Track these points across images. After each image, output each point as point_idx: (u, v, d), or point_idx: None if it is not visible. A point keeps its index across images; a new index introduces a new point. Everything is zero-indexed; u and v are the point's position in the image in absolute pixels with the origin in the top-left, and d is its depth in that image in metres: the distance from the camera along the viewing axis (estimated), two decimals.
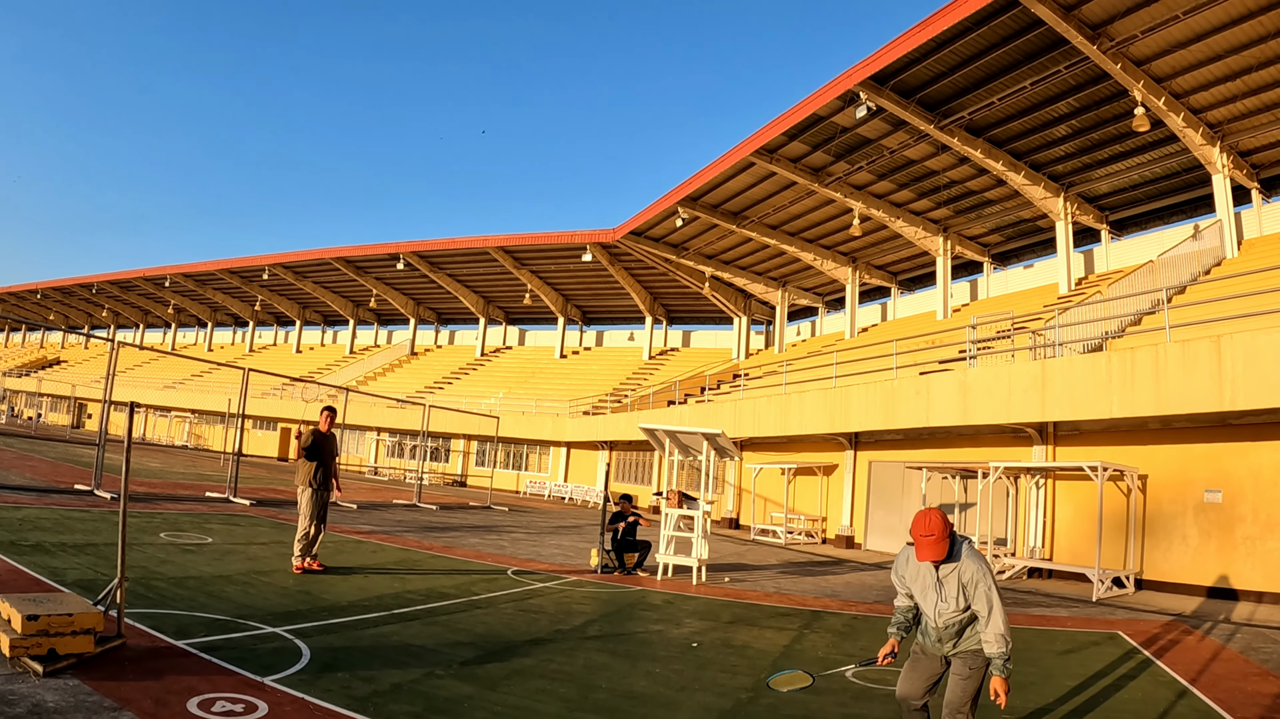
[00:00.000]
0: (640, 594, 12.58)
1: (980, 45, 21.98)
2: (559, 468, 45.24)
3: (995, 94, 23.76)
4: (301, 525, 11.63)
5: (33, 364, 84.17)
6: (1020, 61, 22.38)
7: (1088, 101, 23.71)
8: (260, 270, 60.37)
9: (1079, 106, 24.03)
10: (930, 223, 33.42)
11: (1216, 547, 15.43)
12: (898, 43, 22.24)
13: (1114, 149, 26.19)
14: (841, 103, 25.06)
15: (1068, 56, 21.44)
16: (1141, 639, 10.58)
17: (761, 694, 7.07)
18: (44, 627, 5.62)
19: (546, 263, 49.14)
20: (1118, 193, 29.34)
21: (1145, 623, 12.08)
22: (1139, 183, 28.33)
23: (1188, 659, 9.27)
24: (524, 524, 24.10)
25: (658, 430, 16.01)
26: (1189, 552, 15.86)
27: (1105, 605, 13.99)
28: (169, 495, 19.83)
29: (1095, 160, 27.11)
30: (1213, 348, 13.55)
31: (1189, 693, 7.71)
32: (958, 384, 18.50)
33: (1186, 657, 9.43)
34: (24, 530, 11.33)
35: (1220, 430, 15.60)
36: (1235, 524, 15.20)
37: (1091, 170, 27.81)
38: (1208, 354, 13.62)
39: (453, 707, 5.89)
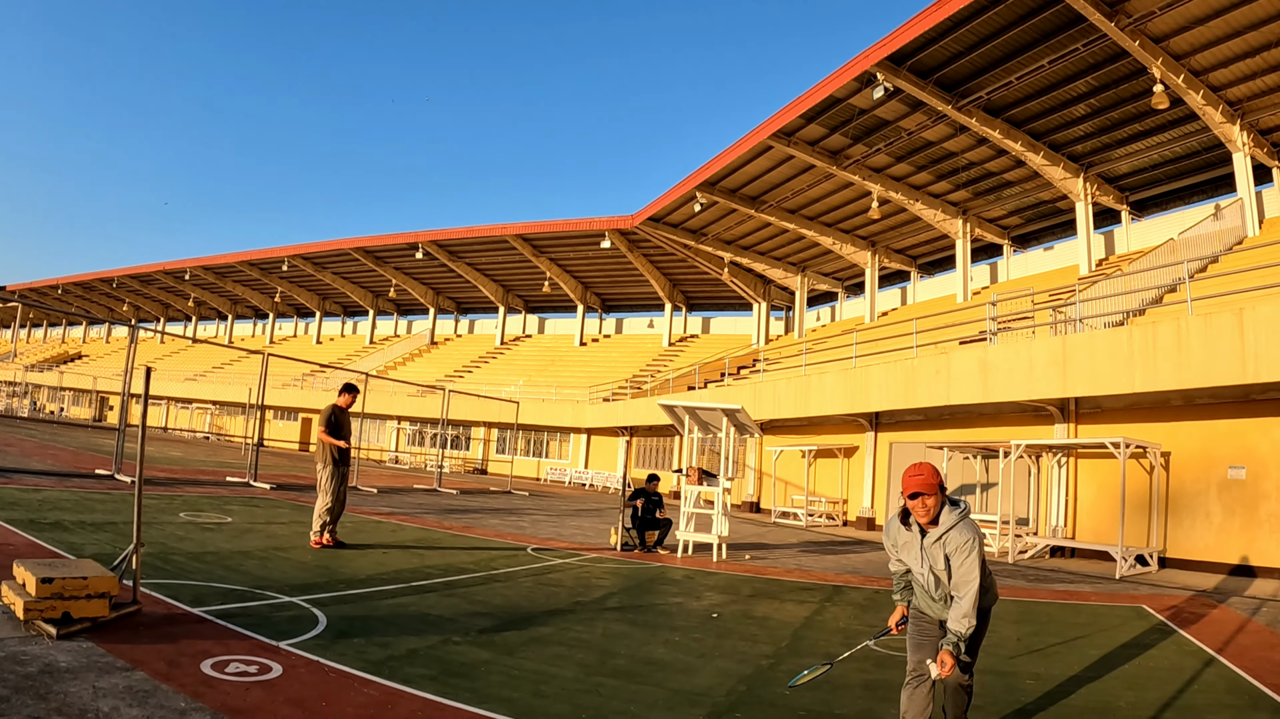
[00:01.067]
0: (660, 570, 12.53)
1: (997, 24, 21.68)
2: (579, 454, 45.25)
3: (1013, 73, 23.45)
4: (321, 501, 11.63)
5: (55, 359, 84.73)
6: (1038, 40, 22.07)
7: (1106, 80, 23.37)
8: (280, 262, 60.54)
9: (1097, 85, 23.70)
10: (949, 205, 33.09)
11: (1240, 524, 15.24)
12: (914, 22, 21.98)
13: (1133, 128, 25.82)
14: (859, 84, 24.80)
15: (1085, 34, 21.13)
16: (1166, 613, 10.47)
17: (782, 661, 7.00)
18: (58, 590, 5.58)
19: (565, 250, 49.04)
20: (1138, 173, 28.95)
21: (1170, 598, 11.94)
22: (1159, 162, 27.94)
23: (1213, 631, 9.14)
24: (544, 507, 24.08)
25: (677, 407, 15.93)
26: (1212, 529, 15.67)
27: (1129, 582, 13.85)
28: (190, 480, 19.88)
29: (1115, 140, 26.73)
30: (1235, 321, 13.37)
31: (1216, 661, 7.61)
32: (978, 361, 18.34)
33: (1212, 629, 9.30)
34: (44, 510, 11.33)
35: (1243, 406, 15.39)
36: (1259, 501, 15.00)
37: (1111, 150, 27.44)
38: (1230, 327, 13.44)
39: (469, 670, 5.82)
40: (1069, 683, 6.66)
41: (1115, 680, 6.79)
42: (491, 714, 4.93)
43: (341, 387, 12.63)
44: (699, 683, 6.08)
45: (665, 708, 5.38)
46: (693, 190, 34.12)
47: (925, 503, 4.61)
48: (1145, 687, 6.61)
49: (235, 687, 4.90)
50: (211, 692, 4.75)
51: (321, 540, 11.45)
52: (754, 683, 6.19)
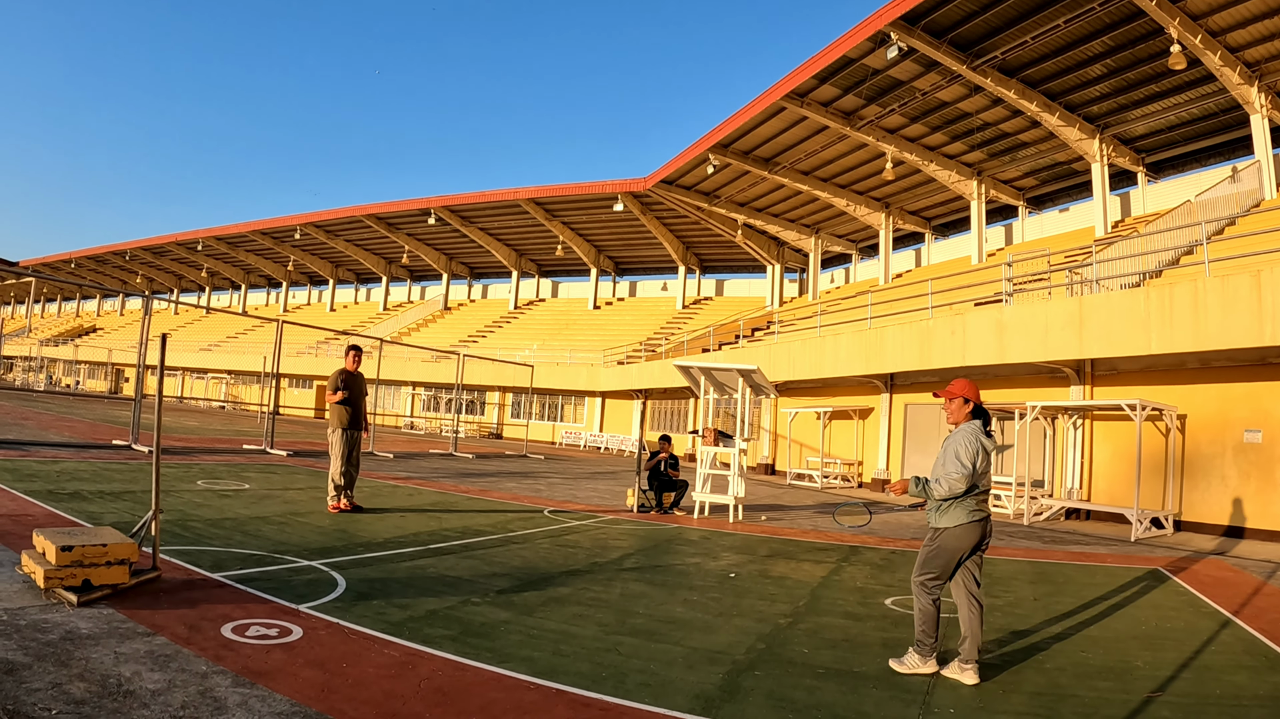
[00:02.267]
0: (677, 531, 12.54)
1: None
2: (594, 418, 45.32)
3: (1028, 33, 23.14)
4: (335, 466, 11.66)
5: (69, 333, 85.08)
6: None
7: (1123, 40, 23.05)
8: (292, 230, 60.56)
9: (1114, 45, 23.38)
10: (964, 166, 32.82)
11: (1256, 487, 15.14)
12: None
13: (1150, 89, 25.54)
14: (872, 44, 24.52)
15: None
16: (1182, 575, 10.44)
17: (800, 620, 7.01)
18: (78, 558, 5.59)
19: (578, 214, 48.93)
20: (1154, 134, 28.66)
21: (1185, 560, 11.92)
22: (1176, 124, 27.64)
23: (1229, 593, 9.12)
24: (560, 470, 24.15)
25: (693, 368, 15.90)
26: (1228, 492, 15.59)
27: (1144, 545, 13.81)
28: (206, 449, 19.98)
29: (1131, 101, 26.45)
30: (1253, 283, 13.24)
31: (1232, 623, 7.58)
32: (994, 322, 18.23)
33: (1228, 591, 9.27)
34: (62, 481, 11.38)
35: (1260, 369, 15.26)
36: (1275, 465, 14.89)
37: (1127, 111, 27.16)
38: (1247, 289, 13.31)
39: (489, 630, 5.84)
40: (1086, 643, 6.65)
41: (1132, 641, 6.77)
42: (513, 673, 4.94)
43: (345, 349, 12.60)
44: (718, 641, 6.08)
45: (685, 666, 5.38)
46: (706, 152, 33.94)
47: (946, 407, 5.96)
48: (1162, 647, 6.60)
49: (256, 649, 4.92)
50: (232, 655, 4.76)
51: (339, 505, 11.49)
52: (772, 641, 6.19)
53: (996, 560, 11.25)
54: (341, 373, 12.13)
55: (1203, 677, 5.75)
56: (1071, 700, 5.13)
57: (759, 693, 4.95)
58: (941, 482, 5.57)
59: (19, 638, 4.62)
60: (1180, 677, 5.76)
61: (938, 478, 5.63)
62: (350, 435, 11.94)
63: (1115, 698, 5.22)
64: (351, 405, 12.06)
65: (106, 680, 4.12)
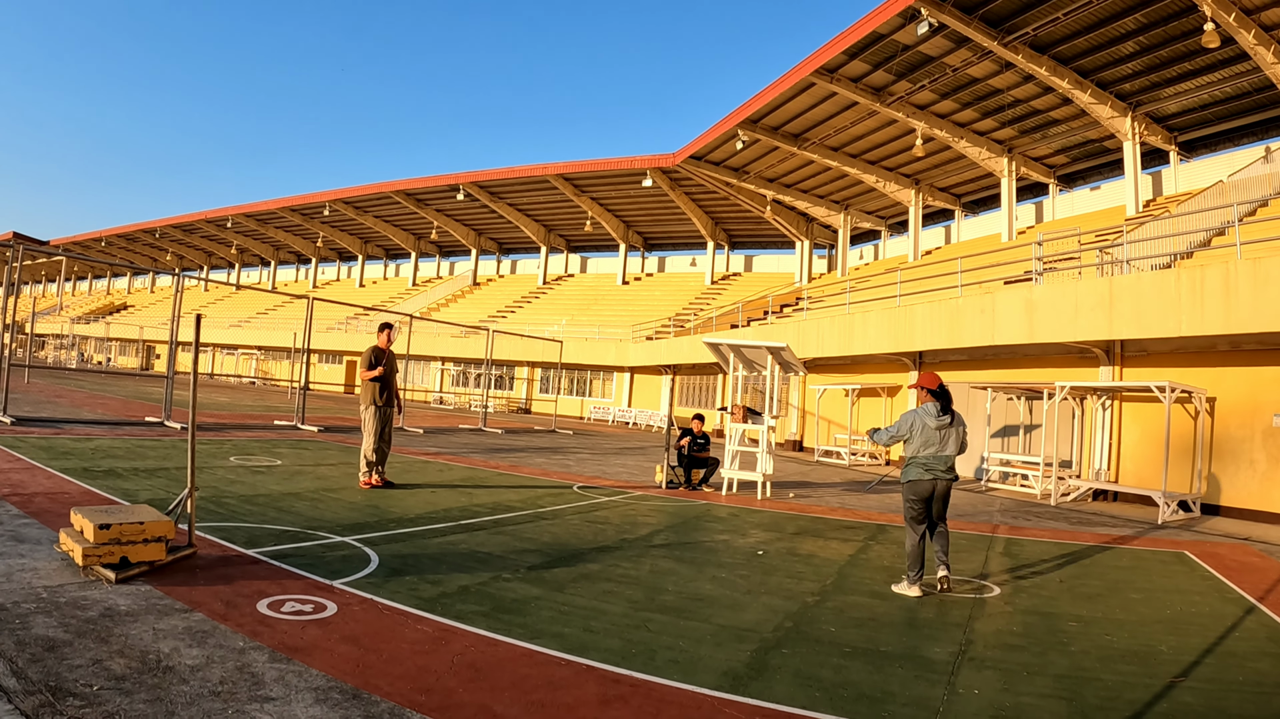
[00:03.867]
0: (706, 508, 12.59)
1: None
2: (622, 393, 45.39)
3: (1060, 9, 22.82)
4: (367, 442, 11.76)
5: (100, 310, 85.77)
6: None
7: (1155, 17, 22.71)
8: (321, 207, 60.75)
9: (1146, 23, 23.05)
10: (994, 143, 32.54)
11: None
12: None
13: (1182, 67, 25.19)
14: (902, 20, 24.30)
15: None
16: (1209, 559, 10.37)
17: (828, 598, 7.04)
18: (116, 535, 5.69)
19: (607, 189, 48.88)
20: (1187, 113, 28.29)
21: (1212, 544, 11.83)
22: (1209, 102, 27.26)
23: (1256, 580, 9.05)
24: (588, 446, 24.24)
25: (722, 345, 15.92)
26: (1257, 477, 15.45)
27: (1171, 528, 13.71)
28: (238, 425, 20.17)
29: (1163, 79, 26.10)
30: None
31: (1257, 609, 7.54)
32: (1023, 302, 18.12)
33: (1255, 577, 9.21)
34: (96, 458, 11.54)
35: None
36: None
37: (1160, 89, 26.81)
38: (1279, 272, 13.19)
39: (520, 607, 5.90)
40: (1111, 626, 6.65)
41: (1157, 625, 6.76)
42: (544, 649, 5.00)
43: (379, 327, 12.66)
44: (746, 619, 6.13)
45: (714, 643, 5.43)
46: (734, 128, 33.81)
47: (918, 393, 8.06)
48: (1187, 632, 6.58)
49: (292, 625, 5.00)
50: (269, 631, 4.85)
51: (370, 481, 11.60)
52: (800, 620, 6.23)
53: (1023, 541, 11.26)
54: (374, 349, 12.21)
55: (1226, 663, 5.74)
56: (1095, 684, 5.14)
57: (786, 671, 5.00)
58: (880, 432, 8.07)
59: (59, 615, 4.72)
60: (1204, 662, 5.75)
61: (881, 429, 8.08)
62: (382, 412, 12.02)
63: (1139, 682, 5.23)
64: (384, 382, 12.14)
65: (146, 656, 4.21)
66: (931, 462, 7.65)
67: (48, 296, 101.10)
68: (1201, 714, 4.68)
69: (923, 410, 7.77)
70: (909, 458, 7.76)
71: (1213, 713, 4.70)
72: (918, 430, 7.68)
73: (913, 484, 7.70)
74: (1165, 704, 4.83)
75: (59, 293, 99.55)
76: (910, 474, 7.73)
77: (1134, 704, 4.80)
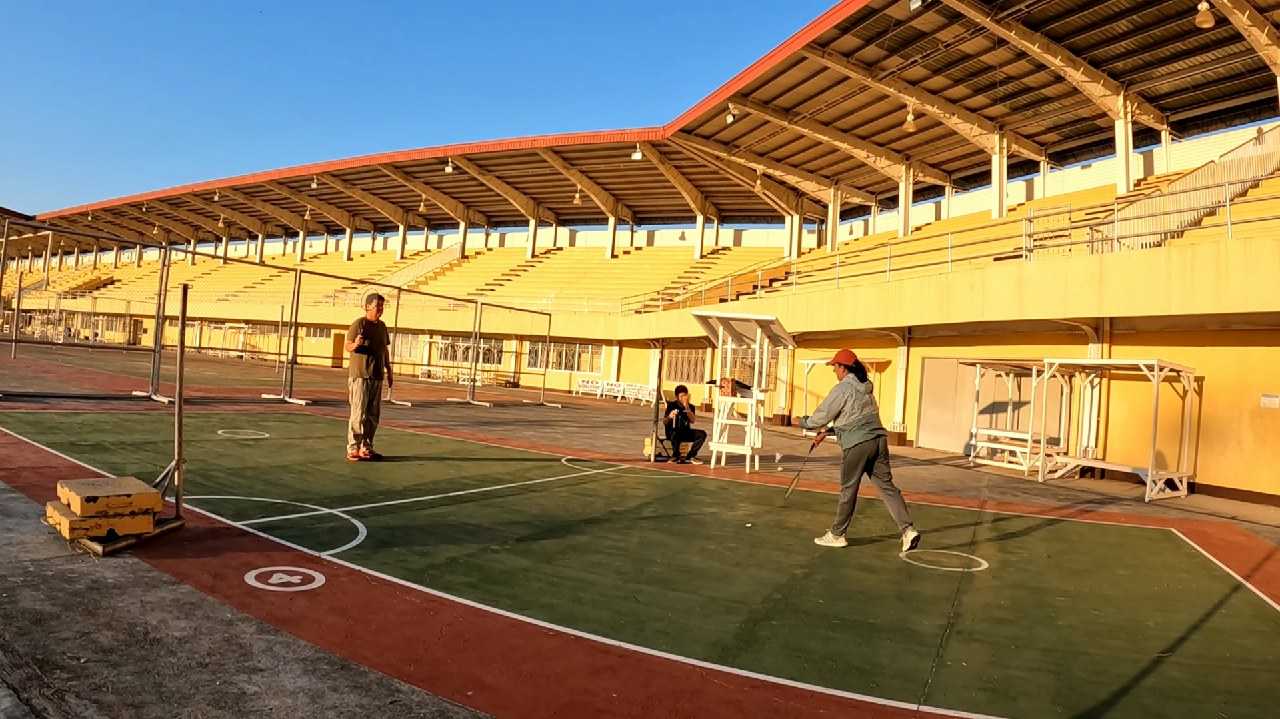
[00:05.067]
0: (694, 480, 12.61)
1: None
2: (611, 367, 45.43)
3: None
4: (355, 414, 11.73)
5: (87, 285, 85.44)
6: None
7: None
8: (309, 180, 60.52)
9: (1140, 1, 22.96)
10: (986, 120, 32.48)
11: (1272, 453, 15.03)
12: None
13: (1176, 47, 25.13)
14: None
15: None
16: (1195, 537, 10.42)
17: (816, 570, 7.06)
18: (103, 508, 5.66)
19: (596, 163, 48.76)
20: (1179, 92, 28.26)
21: (1199, 523, 11.87)
22: (1201, 83, 27.24)
23: (1242, 558, 9.10)
24: (577, 419, 24.25)
25: (711, 318, 15.89)
26: (1244, 457, 15.50)
27: (1158, 505, 13.75)
28: (225, 398, 20.12)
29: (1157, 58, 26.05)
30: (1276, 246, 13.09)
31: (1243, 587, 7.59)
32: (1013, 278, 18.12)
33: (1240, 555, 9.25)
34: (84, 432, 11.48)
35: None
36: None
37: (1153, 69, 26.75)
38: (1270, 252, 13.16)
39: (508, 578, 5.91)
40: (1098, 601, 6.68)
41: (1144, 601, 6.80)
42: (532, 620, 5.00)
43: (366, 299, 12.58)
44: (735, 591, 6.15)
45: (702, 614, 5.44)
46: (725, 102, 33.75)
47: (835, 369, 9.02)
48: (1174, 608, 6.62)
49: (280, 597, 4.99)
50: (257, 602, 4.84)
51: (358, 453, 11.58)
52: (789, 592, 6.25)
53: (1011, 517, 11.30)
54: (362, 322, 12.14)
55: (1213, 639, 5.77)
56: (1082, 658, 5.17)
57: (775, 642, 5.01)
58: (811, 417, 8.75)
59: (46, 588, 4.70)
60: (1190, 638, 5.78)
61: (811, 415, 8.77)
62: (370, 384, 11.97)
63: (1126, 657, 5.25)
64: (372, 354, 12.09)
65: (133, 629, 4.19)
66: (871, 420, 8.47)
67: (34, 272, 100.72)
68: (1188, 689, 4.70)
69: (847, 382, 8.67)
70: (846, 426, 8.51)
71: (1199, 688, 4.73)
72: (851, 398, 8.50)
73: (859, 447, 8.41)
74: (1152, 679, 4.85)
75: (45, 268, 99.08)
76: (855, 439, 8.44)
77: (1121, 678, 4.83)
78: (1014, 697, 4.41)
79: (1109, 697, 4.53)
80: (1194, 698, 4.56)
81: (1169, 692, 4.64)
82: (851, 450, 8.43)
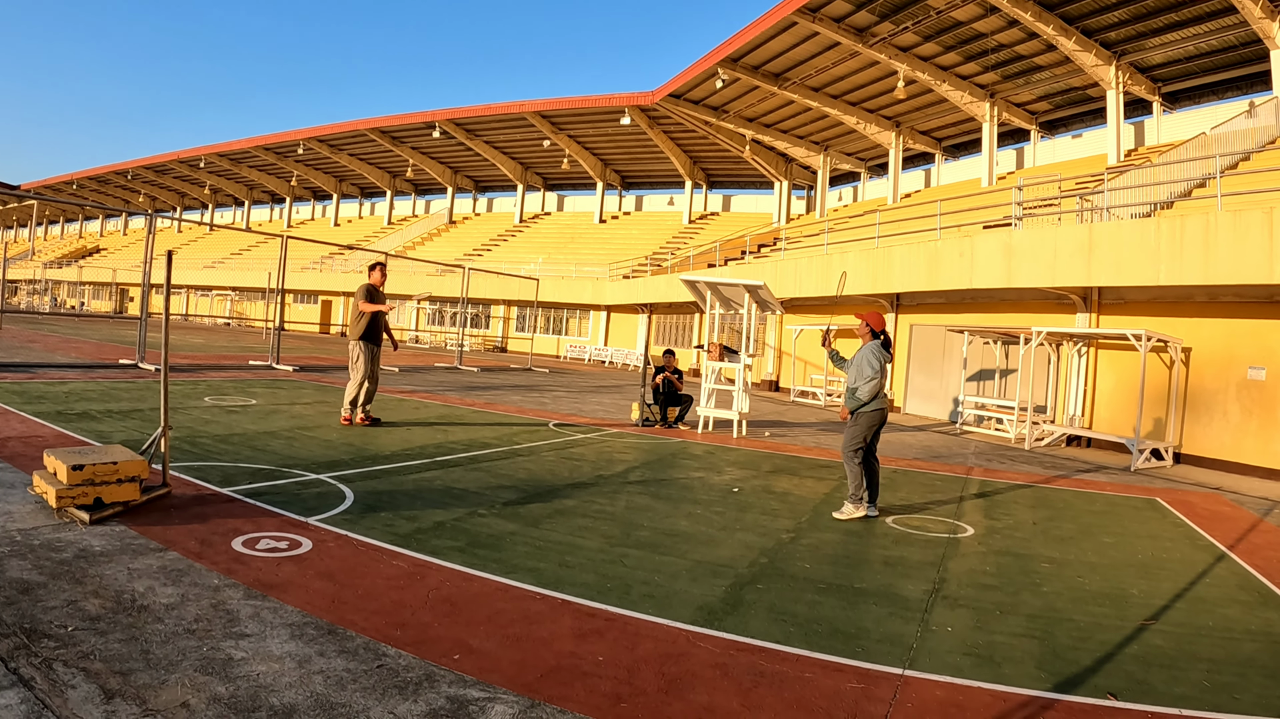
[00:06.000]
0: (681, 445, 12.64)
1: None
2: (599, 332, 45.40)
3: None
4: (354, 379, 11.67)
5: (73, 254, 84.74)
6: None
7: None
8: (295, 145, 60.07)
9: None
10: (977, 87, 32.34)
11: (1258, 425, 15.09)
12: None
13: (1169, 18, 24.98)
14: None
15: None
16: (1180, 507, 10.44)
17: (803, 535, 7.10)
18: (89, 476, 5.64)
19: (585, 127, 48.51)
20: (1171, 64, 28.15)
21: (1184, 493, 11.90)
22: (1194, 54, 27.11)
23: (1226, 528, 9.14)
24: (564, 384, 24.26)
25: (700, 283, 15.88)
26: (1229, 428, 15.56)
27: (1143, 475, 13.78)
28: (212, 365, 20.07)
29: (1149, 29, 25.91)
30: (1265, 219, 13.08)
31: (1227, 557, 7.62)
32: (1002, 246, 18.11)
33: (1225, 526, 9.29)
34: (70, 401, 11.42)
35: (1267, 307, 15.11)
36: (1278, 404, 14.82)
37: (1145, 39, 26.62)
38: (1260, 225, 13.16)
39: (496, 542, 5.93)
40: (1083, 568, 6.72)
41: (1128, 569, 6.84)
42: (519, 584, 5.03)
43: (369, 266, 12.48)
44: (722, 555, 6.18)
45: (689, 578, 5.47)
46: (715, 66, 33.54)
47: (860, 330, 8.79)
48: (1158, 577, 6.66)
49: (267, 562, 5.00)
50: (244, 568, 4.84)
51: (352, 418, 11.56)
52: (775, 556, 6.28)
53: (997, 484, 11.34)
54: (371, 287, 12.03)
55: (1196, 608, 5.82)
56: (1067, 624, 5.20)
57: (761, 606, 5.04)
58: (863, 386, 8.24)
59: (33, 557, 4.70)
60: (1174, 606, 5.82)
61: (858, 383, 8.29)
62: (373, 350, 11.90)
63: (1110, 623, 5.30)
64: (373, 320, 12.03)
65: (121, 597, 4.20)
66: (883, 394, 8.42)
67: (19, 242, 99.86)
68: (1172, 657, 4.75)
69: (878, 348, 8.42)
70: (867, 392, 8.30)
71: (1182, 656, 4.77)
72: (882, 368, 8.37)
73: (870, 415, 8.32)
74: (1136, 646, 4.89)
75: (30, 238, 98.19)
76: (872, 405, 8.32)
77: (1105, 645, 4.87)
78: (999, 662, 4.45)
79: (1093, 663, 4.57)
80: (1177, 665, 4.61)
81: (1152, 659, 4.69)
82: (863, 417, 8.29)
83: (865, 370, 8.27)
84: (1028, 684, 4.16)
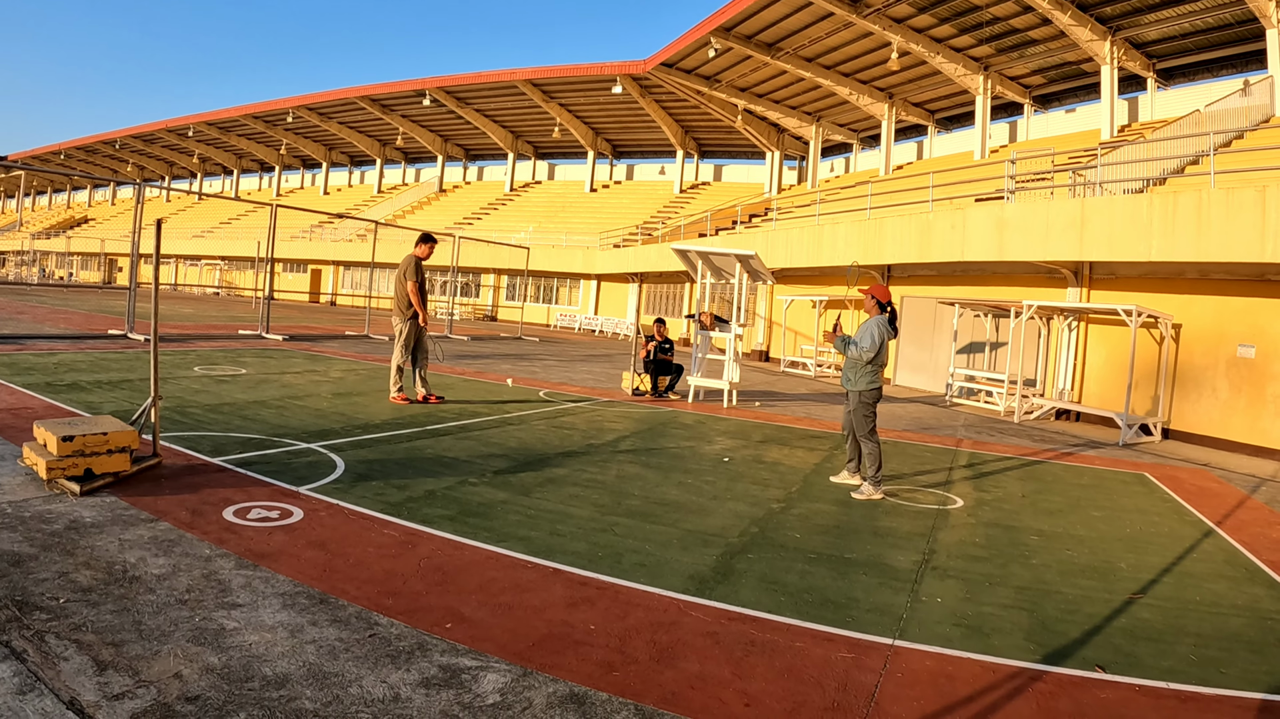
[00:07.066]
0: (672, 414, 12.65)
1: None
2: (589, 301, 45.32)
3: None
4: (397, 356, 11.52)
5: (61, 224, 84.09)
6: None
7: None
8: (284, 114, 59.59)
9: None
10: (971, 60, 32.13)
11: (1247, 402, 15.12)
12: None
13: None
14: None
15: None
16: (1168, 482, 10.47)
17: (793, 505, 7.12)
18: (79, 447, 5.62)
19: (576, 96, 48.17)
20: (1167, 40, 27.97)
21: (1172, 468, 11.93)
22: (1189, 31, 26.93)
23: (1214, 504, 9.17)
24: (555, 353, 24.27)
25: (690, 252, 15.84)
26: (1218, 405, 15.59)
27: (1132, 449, 13.82)
28: (202, 335, 20.02)
29: (1146, 4, 25.71)
30: (1257, 198, 13.08)
31: (1215, 533, 7.64)
32: (994, 219, 18.09)
33: (1212, 502, 9.32)
34: (59, 372, 11.38)
35: (1258, 285, 15.11)
36: (1267, 381, 14.83)
37: (1141, 15, 26.44)
38: (1252, 203, 13.16)
39: (486, 510, 5.95)
40: (1071, 542, 6.76)
41: (1117, 543, 6.87)
42: (510, 552, 5.05)
43: (419, 237, 12.08)
44: (712, 524, 6.20)
45: (680, 547, 5.49)
46: (707, 36, 33.28)
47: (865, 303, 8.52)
48: (1146, 551, 6.69)
49: (258, 532, 5.00)
50: (235, 538, 4.85)
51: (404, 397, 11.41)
52: (766, 526, 6.31)
53: (986, 456, 11.38)
54: (417, 260, 11.73)
55: (1183, 582, 5.85)
56: (1055, 597, 5.24)
57: (752, 575, 5.06)
58: (857, 346, 7.98)
59: (24, 529, 4.69)
60: (1162, 580, 5.86)
61: (858, 342, 8.02)
62: (417, 325, 11.64)
63: (1098, 596, 5.33)
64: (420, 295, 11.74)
65: (112, 568, 4.20)
66: (879, 370, 8.19)
67: (7, 213, 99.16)
68: (1159, 630, 4.78)
69: (883, 322, 8.17)
70: (869, 366, 8.07)
71: (1170, 630, 4.81)
72: (883, 341, 8.08)
73: (875, 390, 8.10)
74: (1124, 619, 4.93)
75: (18, 208, 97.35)
76: (876, 382, 8.09)
77: (1093, 618, 4.90)
78: (987, 633, 4.48)
79: (1081, 635, 4.60)
80: (1164, 639, 4.64)
81: (1140, 632, 4.72)
82: (868, 393, 8.06)
83: (864, 342, 8.04)
84: (1017, 656, 4.19)
